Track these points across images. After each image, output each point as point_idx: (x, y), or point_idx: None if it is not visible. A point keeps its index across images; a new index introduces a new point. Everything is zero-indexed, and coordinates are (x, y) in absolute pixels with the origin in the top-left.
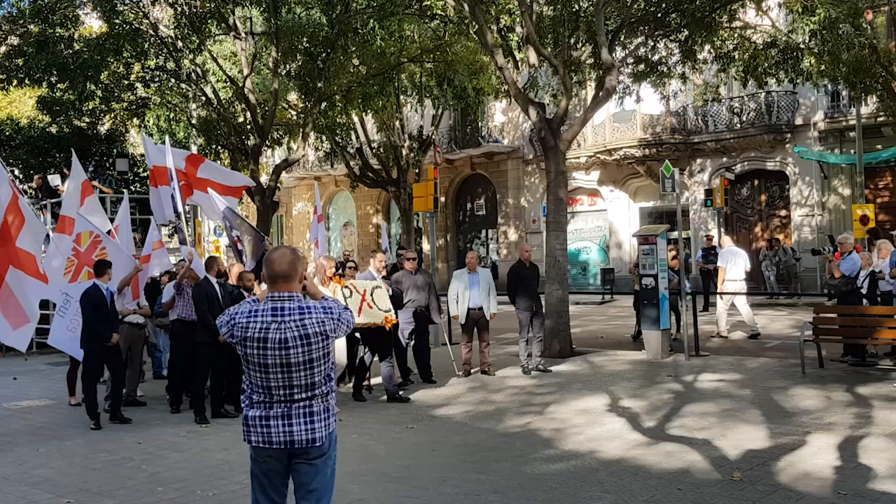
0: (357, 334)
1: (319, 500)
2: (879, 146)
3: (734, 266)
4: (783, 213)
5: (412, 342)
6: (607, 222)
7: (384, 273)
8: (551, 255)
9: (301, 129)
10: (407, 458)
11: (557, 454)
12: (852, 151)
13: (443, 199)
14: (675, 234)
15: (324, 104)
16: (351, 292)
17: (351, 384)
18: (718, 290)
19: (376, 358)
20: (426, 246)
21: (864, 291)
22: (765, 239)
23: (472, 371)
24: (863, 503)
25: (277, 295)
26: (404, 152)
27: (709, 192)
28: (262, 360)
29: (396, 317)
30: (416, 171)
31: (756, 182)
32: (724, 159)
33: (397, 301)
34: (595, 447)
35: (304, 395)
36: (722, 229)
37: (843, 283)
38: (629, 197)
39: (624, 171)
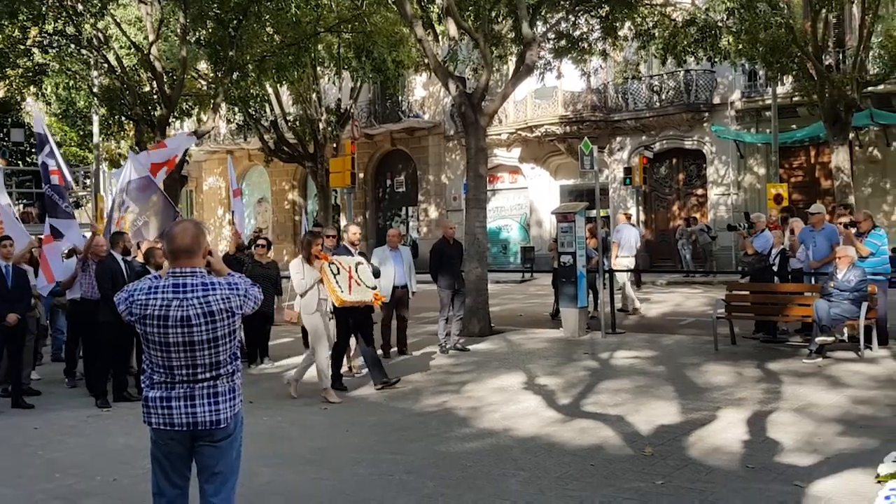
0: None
1: (224, 483)
2: (794, 126)
3: (627, 243)
4: (700, 191)
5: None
6: (528, 200)
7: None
8: (471, 233)
9: (212, 100)
10: (320, 439)
11: (473, 433)
12: (768, 131)
13: (361, 175)
14: (593, 213)
15: (236, 74)
16: (338, 269)
17: (260, 365)
18: (612, 266)
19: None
20: (345, 223)
21: (775, 269)
22: (682, 217)
23: (391, 351)
24: (769, 476)
25: (179, 271)
26: (321, 126)
27: (628, 171)
28: (163, 339)
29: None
30: (334, 145)
31: (674, 161)
32: (644, 137)
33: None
34: (510, 425)
35: (208, 375)
36: (640, 207)
37: (756, 260)
38: (550, 175)
39: (545, 149)
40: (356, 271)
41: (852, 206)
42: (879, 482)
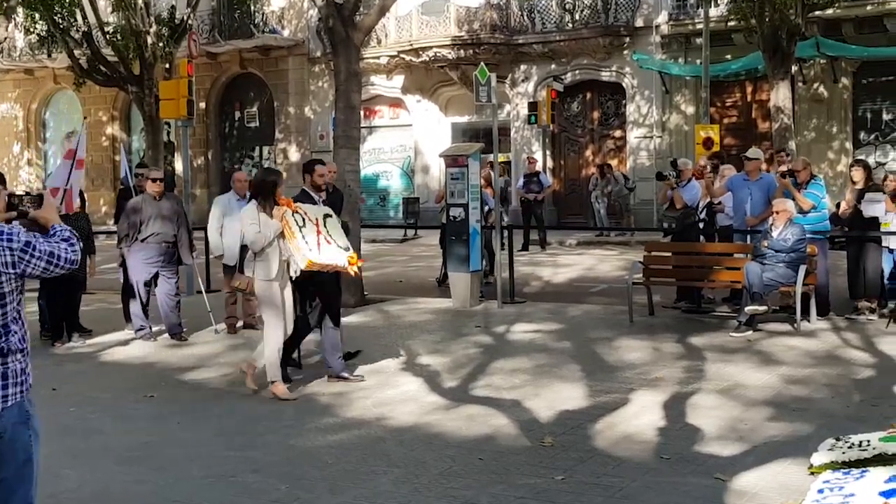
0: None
1: (12, 493)
2: (729, 56)
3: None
4: (618, 133)
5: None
6: (412, 140)
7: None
8: (340, 179)
9: (3, 3)
10: (142, 433)
11: (337, 423)
12: (698, 62)
13: (202, 104)
14: (491, 157)
15: None
16: (304, 220)
17: (68, 343)
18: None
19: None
20: (179, 166)
21: (701, 226)
22: (596, 164)
23: (238, 326)
24: (687, 468)
25: None
26: (150, 41)
27: (533, 106)
28: None
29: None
30: (167, 66)
31: (588, 95)
32: (553, 66)
33: None
34: (384, 413)
35: None
36: (547, 151)
37: (684, 215)
38: (440, 110)
39: (434, 77)
40: (324, 225)
41: (793, 152)
42: (812, 473)
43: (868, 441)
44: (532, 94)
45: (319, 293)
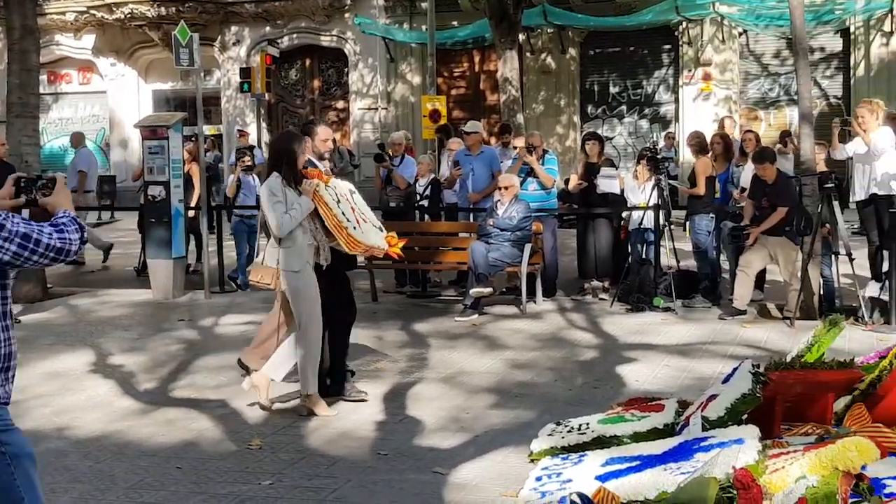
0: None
1: None
2: (456, 23)
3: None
4: (341, 104)
5: None
6: (107, 110)
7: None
8: (16, 153)
9: None
10: None
11: None
12: (423, 28)
13: None
14: (197, 129)
15: None
16: (336, 195)
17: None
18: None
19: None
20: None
21: (425, 205)
22: None
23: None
24: (405, 464)
25: None
26: None
27: (246, 73)
28: None
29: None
30: None
31: (308, 62)
32: (268, 29)
33: None
34: (67, 422)
35: None
36: (263, 123)
37: (406, 195)
38: (139, 75)
39: (131, 38)
40: (353, 201)
41: (518, 126)
42: (533, 461)
43: (587, 424)
44: (245, 60)
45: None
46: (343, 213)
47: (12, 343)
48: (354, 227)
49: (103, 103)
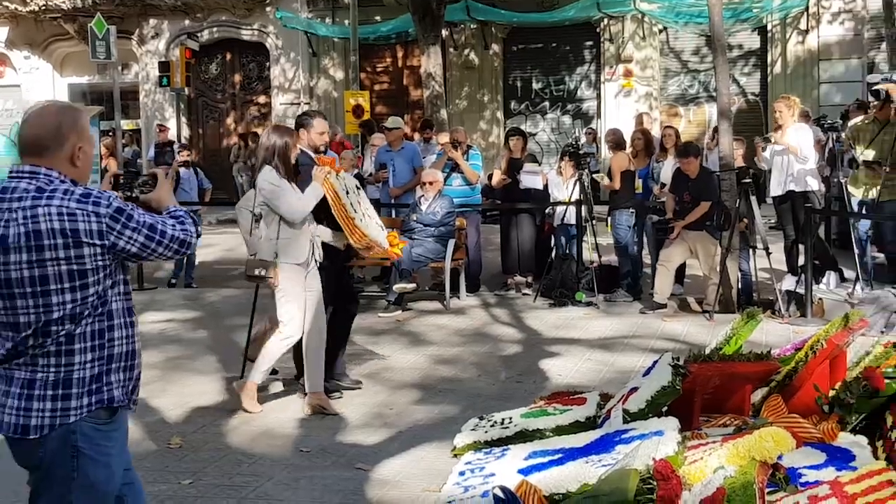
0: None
1: None
2: (379, 18)
3: None
4: (262, 99)
5: None
6: (21, 104)
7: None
8: None
9: None
10: None
11: None
12: (346, 22)
13: None
14: (115, 123)
15: None
16: (347, 188)
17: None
18: None
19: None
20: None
21: None
22: (238, 133)
23: None
24: (328, 461)
25: (16, 170)
26: None
27: (165, 67)
28: None
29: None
30: None
31: (228, 56)
32: (188, 22)
33: None
34: None
35: (30, 346)
36: (182, 118)
37: None
38: (55, 68)
39: (46, 30)
40: (360, 196)
41: (442, 122)
42: (456, 456)
43: (510, 418)
44: (164, 54)
45: (338, 284)
46: (351, 205)
47: (134, 341)
48: (361, 220)
49: (17, 97)
